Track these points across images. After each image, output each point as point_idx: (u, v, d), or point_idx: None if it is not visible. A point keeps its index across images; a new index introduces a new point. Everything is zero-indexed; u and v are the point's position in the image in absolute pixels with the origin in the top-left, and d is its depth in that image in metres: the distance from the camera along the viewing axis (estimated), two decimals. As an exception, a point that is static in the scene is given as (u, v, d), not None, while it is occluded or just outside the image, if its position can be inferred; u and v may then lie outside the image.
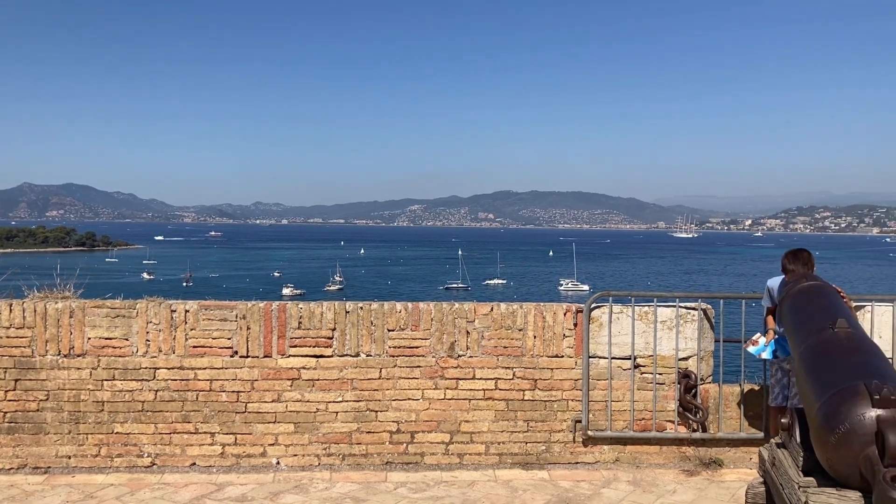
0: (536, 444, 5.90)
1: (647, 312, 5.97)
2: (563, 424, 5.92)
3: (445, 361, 5.84)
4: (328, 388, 5.76)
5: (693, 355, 5.96)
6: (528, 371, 5.89)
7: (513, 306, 5.93)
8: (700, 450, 5.95)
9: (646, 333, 5.95)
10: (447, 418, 5.83)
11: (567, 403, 5.93)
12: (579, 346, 5.91)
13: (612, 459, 5.94)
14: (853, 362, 4.07)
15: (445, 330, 5.82)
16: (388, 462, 5.80)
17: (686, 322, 5.97)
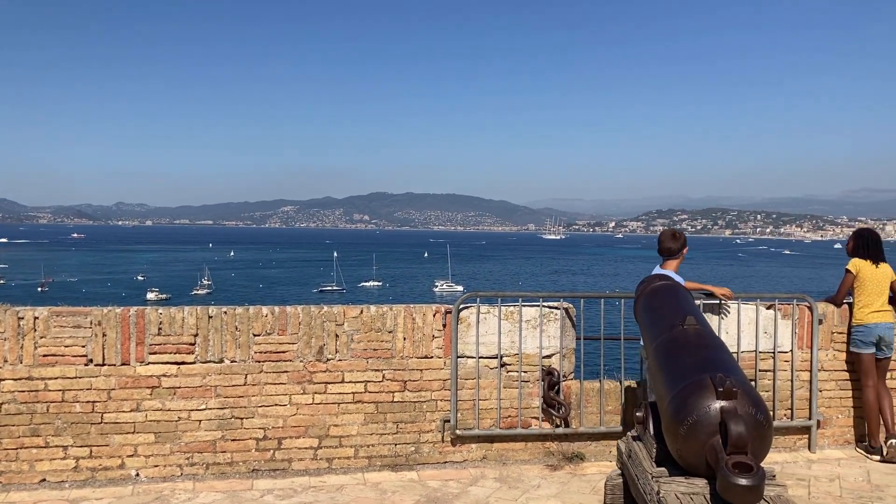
0: (406, 445, 5.92)
1: (513, 312, 6.11)
2: (432, 425, 5.97)
3: (314, 365, 5.76)
4: (190, 396, 5.57)
5: (556, 353, 6.16)
6: (398, 373, 5.90)
7: (382, 308, 5.93)
8: (563, 445, 6.15)
9: (512, 333, 6.09)
10: (316, 423, 5.76)
11: (436, 404, 5.98)
12: (448, 346, 5.98)
13: (479, 457, 6.05)
14: (700, 357, 4.32)
15: (314, 333, 5.75)
16: (254, 469, 5.66)
17: (549, 321, 6.16)
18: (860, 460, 6.27)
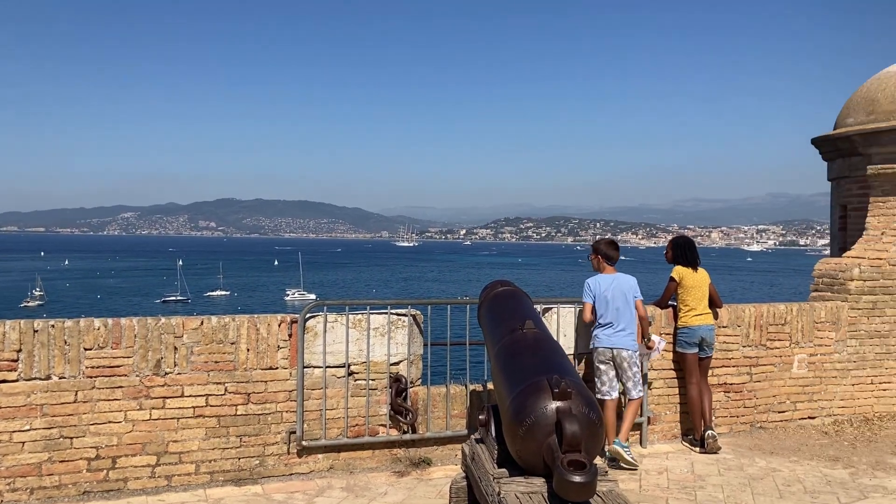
0: (250, 458, 5.78)
1: (361, 320, 6.11)
2: (277, 437, 5.86)
3: (151, 380, 5.51)
4: (13, 417, 5.18)
5: (404, 360, 6.21)
6: (241, 385, 5.75)
7: (224, 319, 5.76)
8: (410, 451, 6.21)
9: (360, 341, 6.09)
10: (153, 439, 5.51)
11: (282, 415, 5.88)
12: (294, 356, 5.90)
13: (326, 468, 5.99)
14: (538, 359, 4.49)
15: (151, 346, 5.51)
16: (85, 492, 5.34)
17: (397, 328, 6.20)
18: (686, 453, 6.72)
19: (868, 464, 6.44)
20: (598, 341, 6.46)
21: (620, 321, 6.42)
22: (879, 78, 8.80)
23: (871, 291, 7.90)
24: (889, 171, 8.18)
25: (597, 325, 6.50)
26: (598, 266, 6.71)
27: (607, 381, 6.43)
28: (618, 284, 6.51)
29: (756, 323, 7.40)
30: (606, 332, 6.43)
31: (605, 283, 6.51)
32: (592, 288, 6.51)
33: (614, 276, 6.61)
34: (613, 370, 6.43)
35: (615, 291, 6.47)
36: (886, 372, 7.96)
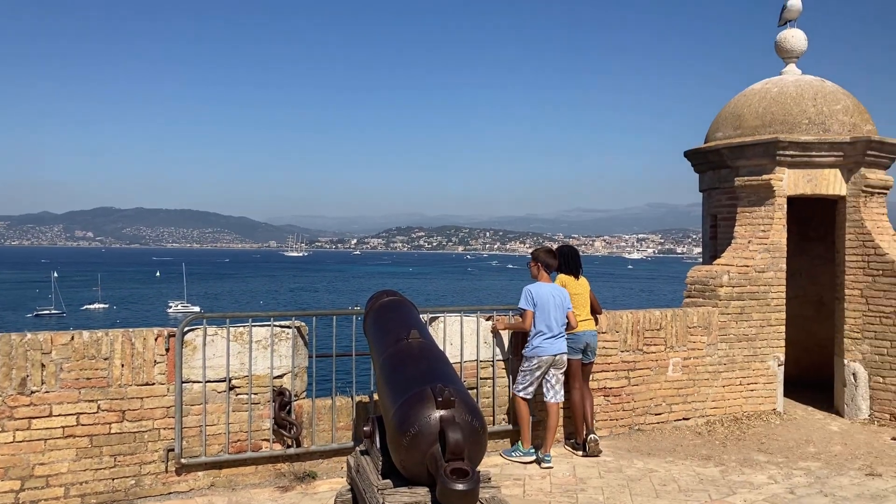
0: (125, 479, 5.53)
1: (243, 333, 5.96)
2: (154, 455, 5.63)
3: (15, 399, 5.20)
4: None
5: (288, 373, 6.10)
6: (116, 402, 5.50)
7: (97, 334, 5.50)
8: (295, 465, 6.10)
9: (241, 354, 5.94)
10: (17, 463, 5.19)
11: (159, 433, 5.66)
12: (172, 371, 5.69)
13: (207, 485, 5.80)
14: (422, 369, 4.51)
15: (15, 364, 5.19)
16: (-61, 522, 4.98)
17: (281, 340, 6.09)
18: (568, 457, 6.89)
19: (737, 461, 6.78)
20: (540, 349, 6.67)
21: (557, 328, 6.69)
22: (745, 95, 9.33)
23: (740, 297, 8.34)
24: (754, 182, 8.67)
25: (535, 332, 6.68)
26: (537, 274, 6.90)
27: (556, 383, 6.76)
28: (556, 293, 6.75)
29: (633, 328, 7.68)
30: (548, 339, 6.67)
31: (543, 291, 6.70)
32: (533, 295, 6.69)
33: (552, 284, 6.85)
34: (552, 375, 6.74)
35: (553, 299, 6.70)
36: (754, 373, 8.41)
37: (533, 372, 6.68)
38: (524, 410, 6.74)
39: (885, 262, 8.19)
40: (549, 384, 6.76)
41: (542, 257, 6.90)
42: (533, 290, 6.71)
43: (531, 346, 6.68)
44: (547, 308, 6.65)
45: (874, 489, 6.03)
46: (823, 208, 9.43)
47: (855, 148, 8.43)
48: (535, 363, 6.66)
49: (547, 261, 6.89)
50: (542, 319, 6.64)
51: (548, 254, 6.95)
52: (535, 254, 6.99)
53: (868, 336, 8.32)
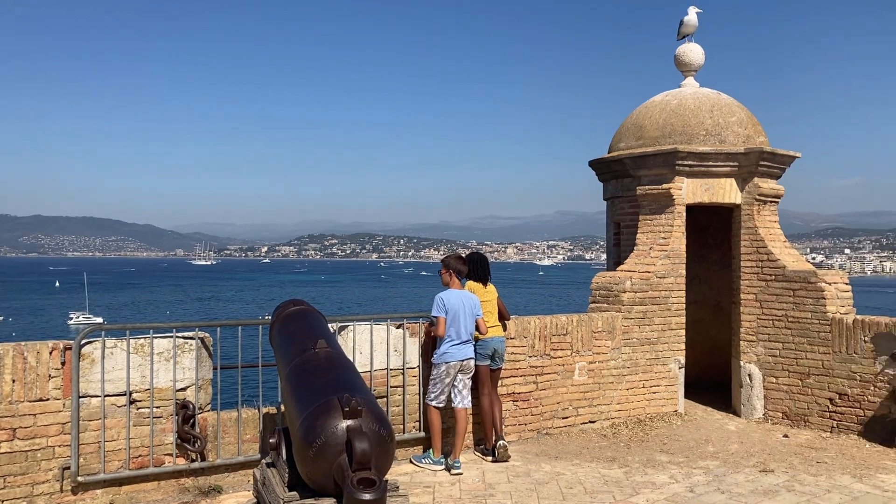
0: (16, 500, 5.27)
1: (144, 345, 5.78)
2: (48, 474, 5.39)
3: None
4: None
5: (191, 385, 5.94)
6: (6, 420, 5.24)
7: (-15, 348, 5.23)
8: (199, 479, 5.94)
9: (143, 367, 5.76)
10: None
11: (54, 450, 5.42)
12: (68, 386, 5.46)
13: (106, 503, 5.59)
14: (329, 379, 4.47)
15: None
16: None
17: (184, 352, 5.93)
18: (478, 463, 6.95)
19: (640, 462, 6.98)
20: (447, 355, 6.72)
21: (466, 335, 6.77)
22: (646, 107, 9.66)
23: (642, 302, 8.61)
24: (655, 191, 8.97)
25: (446, 339, 6.73)
26: (449, 281, 6.95)
27: (463, 388, 6.83)
28: (466, 300, 6.82)
29: (541, 334, 7.82)
30: (455, 345, 6.73)
31: (455, 298, 6.76)
32: (445, 302, 6.73)
33: (462, 291, 6.92)
34: (460, 380, 6.81)
35: (463, 306, 6.76)
36: (656, 376, 8.69)
37: (442, 379, 6.71)
38: (436, 419, 6.76)
39: (776, 267, 8.59)
40: (456, 390, 6.81)
41: (454, 264, 6.95)
42: (444, 297, 6.75)
43: (439, 353, 6.72)
44: (457, 315, 6.70)
45: (767, 485, 6.31)
46: (720, 216, 9.83)
47: (749, 158, 8.83)
48: (444, 369, 6.70)
49: (458, 267, 6.95)
50: (453, 326, 6.69)
51: (458, 260, 7.01)
52: (445, 261, 7.04)
53: (762, 338, 8.71)
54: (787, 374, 8.48)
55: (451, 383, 6.78)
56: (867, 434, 7.76)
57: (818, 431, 8.10)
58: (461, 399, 6.83)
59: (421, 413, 6.97)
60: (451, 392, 6.81)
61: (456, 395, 6.82)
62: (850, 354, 7.92)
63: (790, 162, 9.24)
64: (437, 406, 6.76)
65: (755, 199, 8.90)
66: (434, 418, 6.75)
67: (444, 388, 6.74)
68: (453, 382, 6.79)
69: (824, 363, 8.13)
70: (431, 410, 6.76)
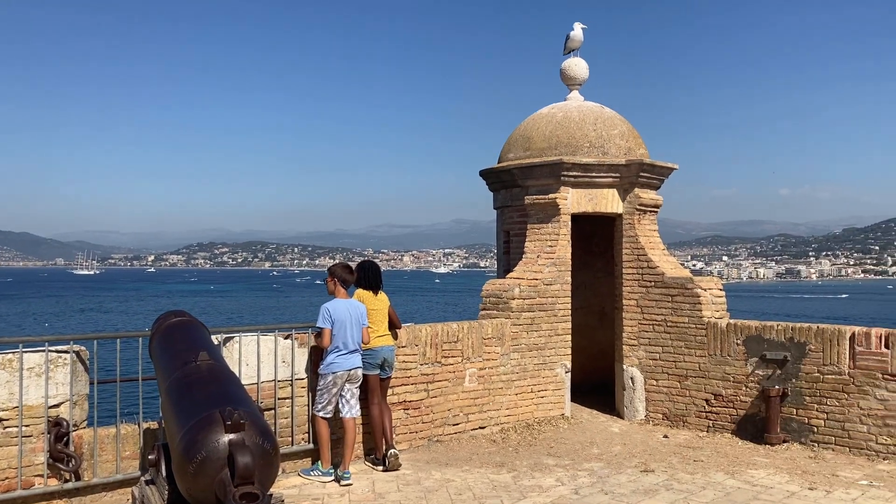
0: None
1: (13, 360, 5.48)
2: None
3: None
4: None
5: (65, 401, 5.67)
6: None
7: None
8: (74, 500, 5.67)
9: (10, 383, 5.45)
10: None
11: None
12: (-74, 406, 5.11)
13: (-31, 531, 5.26)
14: (212, 392, 4.36)
15: None
16: None
17: (57, 367, 5.65)
18: (368, 472, 6.91)
19: (528, 466, 7.12)
20: (334, 366, 6.66)
21: (353, 344, 6.74)
22: (534, 118, 9.90)
23: (530, 308, 8.80)
24: (542, 201, 9.19)
25: (332, 349, 6.67)
26: (334, 290, 6.89)
27: (351, 398, 6.78)
28: (353, 309, 6.78)
29: (432, 341, 7.86)
30: (342, 355, 6.68)
31: (341, 308, 6.71)
32: (331, 313, 6.68)
33: (348, 300, 6.87)
34: (347, 390, 6.77)
35: (350, 316, 6.72)
36: (544, 380, 8.89)
37: (329, 389, 6.66)
38: (324, 430, 6.70)
39: (656, 274, 8.96)
40: (344, 399, 6.77)
41: (339, 273, 6.91)
42: (330, 307, 6.71)
43: (326, 363, 6.67)
44: (344, 325, 6.66)
45: (647, 484, 6.56)
46: (604, 225, 10.16)
47: (630, 170, 9.18)
48: (331, 380, 6.65)
49: (343, 276, 6.91)
50: (339, 336, 6.65)
51: (344, 269, 6.97)
52: (331, 269, 6.99)
53: (643, 342, 9.06)
54: (666, 376, 8.84)
55: (339, 393, 6.73)
56: (739, 432, 8.18)
57: (695, 431, 8.48)
58: (349, 409, 6.79)
59: (310, 424, 6.89)
60: (339, 402, 6.76)
61: (344, 406, 6.77)
62: (724, 357, 8.34)
63: (668, 173, 9.67)
64: (324, 417, 6.69)
65: (636, 208, 9.26)
66: (322, 429, 6.68)
67: (332, 398, 6.69)
68: (341, 392, 6.74)
69: (701, 366, 8.53)
70: (319, 421, 6.69)
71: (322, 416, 6.69)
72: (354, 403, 6.84)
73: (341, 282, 6.88)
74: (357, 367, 6.81)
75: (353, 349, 6.77)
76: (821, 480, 6.62)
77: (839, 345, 7.52)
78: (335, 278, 6.90)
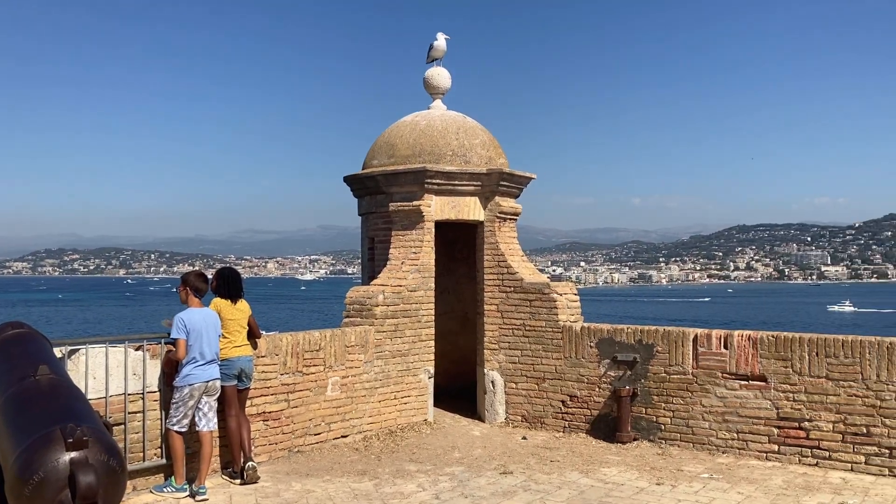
0: None
1: None
2: None
3: None
4: None
5: None
6: None
7: None
8: None
9: None
10: None
11: None
12: None
13: None
14: (52, 408, 4.10)
15: None
16: None
17: None
18: (225, 486, 6.71)
19: (390, 473, 7.13)
20: (191, 377, 6.43)
21: (210, 355, 6.54)
22: (398, 126, 9.95)
23: (394, 315, 8.82)
24: (406, 208, 9.25)
25: (189, 360, 6.43)
26: (186, 299, 6.66)
27: (209, 411, 6.57)
28: (209, 318, 6.60)
29: (293, 350, 7.73)
30: (199, 366, 6.46)
31: (196, 318, 6.50)
32: (185, 322, 6.45)
33: (203, 309, 6.65)
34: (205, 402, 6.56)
35: (205, 326, 6.52)
36: (407, 387, 8.93)
37: (185, 402, 6.42)
38: (179, 444, 6.45)
39: (515, 280, 9.21)
40: (201, 412, 6.55)
41: (192, 281, 6.69)
42: (185, 317, 6.48)
43: (182, 375, 6.43)
44: (199, 335, 6.46)
45: (506, 486, 6.71)
46: (467, 232, 10.34)
47: (490, 178, 9.40)
48: (187, 392, 6.42)
49: (196, 285, 6.69)
50: (196, 347, 6.44)
51: (198, 278, 6.76)
52: (184, 278, 6.76)
53: (503, 347, 9.28)
54: (525, 379, 9.09)
55: (195, 406, 6.50)
56: (594, 432, 8.52)
57: (553, 432, 8.76)
58: (206, 422, 6.57)
59: (163, 439, 6.61)
60: (195, 415, 6.53)
61: (200, 419, 6.55)
62: (579, 359, 8.67)
63: (527, 182, 9.96)
64: (179, 431, 6.44)
65: (496, 216, 9.48)
66: (176, 444, 6.43)
67: (188, 411, 6.45)
68: (197, 405, 6.52)
69: (557, 368, 8.83)
70: (173, 435, 6.44)
71: (177, 430, 6.44)
72: (212, 416, 6.63)
73: (194, 290, 6.66)
74: (215, 379, 6.61)
75: (211, 359, 6.57)
76: (667, 475, 7.00)
77: (683, 346, 7.99)
78: (187, 287, 6.67)
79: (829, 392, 7.18)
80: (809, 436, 7.28)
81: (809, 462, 7.23)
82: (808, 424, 7.28)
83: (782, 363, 7.43)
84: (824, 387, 7.21)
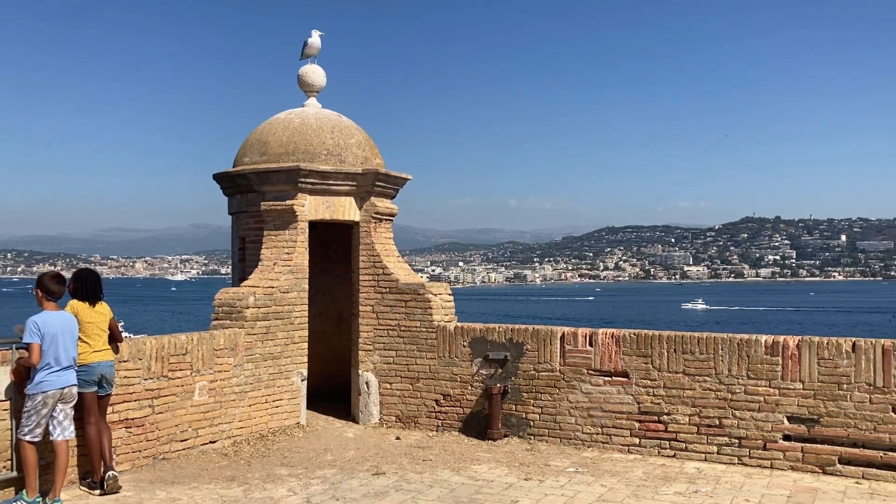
0: None
1: None
2: None
3: None
4: None
5: None
6: None
7: None
8: None
9: None
10: None
11: None
12: None
13: None
14: None
15: None
16: None
17: None
18: (84, 498, 6.38)
19: (260, 478, 6.98)
20: (45, 384, 6.08)
21: (66, 360, 6.23)
22: (271, 123, 9.75)
23: (265, 317, 8.64)
24: (279, 207, 9.08)
25: (43, 366, 6.08)
26: (41, 302, 6.31)
27: (64, 419, 6.26)
28: (63, 322, 6.27)
29: (158, 355, 7.44)
30: (54, 372, 6.13)
31: (52, 321, 6.17)
32: (39, 326, 6.09)
33: (59, 313, 6.31)
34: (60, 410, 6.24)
35: (61, 330, 6.20)
36: (279, 390, 8.77)
37: (38, 410, 6.06)
38: (31, 455, 6.07)
39: (391, 280, 9.22)
40: (56, 421, 6.20)
41: (46, 283, 6.33)
42: (39, 320, 6.12)
43: (35, 382, 6.07)
44: (55, 339, 6.12)
45: (378, 487, 6.71)
46: (342, 232, 10.26)
47: (366, 178, 9.37)
48: (40, 400, 6.06)
49: (50, 287, 6.33)
50: (51, 352, 6.09)
51: (52, 280, 6.40)
52: (39, 279, 6.39)
53: (378, 347, 9.27)
54: (399, 379, 9.12)
55: (50, 414, 6.15)
56: (466, 430, 8.65)
57: (426, 431, 8.83)
58: (62, 431, 6.23)
59: (13, 451, 6.21)
60: (49, 424, 6.18)
61: (55, 427, 6.20)
62: (452, 358, 8.77)
63: (403, 183, 9.99)
64: (31, 441, 6.07)
65: (372, 216, 9.46)
66: (29, 454, 6.05)
67: (41, 420, 6.09)
68: (52, 413, 6.16)
69: (431, 367, 8.90)
70: (25, 446, 6.06)
71: (29, 440, 6.07)
72: (68, 424, 6.29)
73: (48, 293, 6.30)
74: (71, 385, 6.27)
75: (68, 365, 6.24)
76: (535, 471, 7.19)
77: (552, 344, 8.23)
78: (41, 289, 6.31)
79: (686, 387, 7.59)
80: (668, 429, 7.66)
81: (668, 454, 7.61)
82: (667, 418, 7.67)
83: (643, 360, 7.78)
84: (681, 382, 7.61)
